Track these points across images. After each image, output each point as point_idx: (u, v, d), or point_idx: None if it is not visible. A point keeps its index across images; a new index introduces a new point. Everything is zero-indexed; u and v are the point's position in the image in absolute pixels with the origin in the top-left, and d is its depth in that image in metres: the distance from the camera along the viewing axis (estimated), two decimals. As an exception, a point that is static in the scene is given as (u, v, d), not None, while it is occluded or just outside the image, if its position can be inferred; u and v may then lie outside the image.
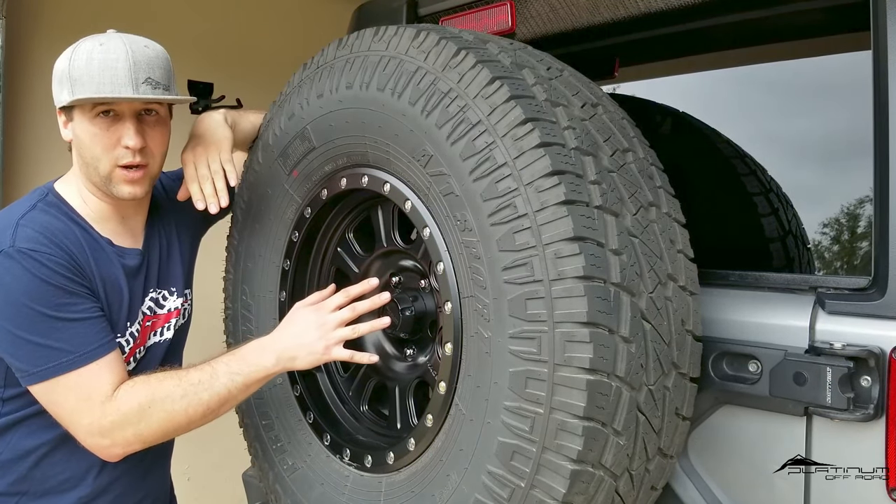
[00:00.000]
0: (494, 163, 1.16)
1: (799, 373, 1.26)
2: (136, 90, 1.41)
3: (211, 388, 1.41)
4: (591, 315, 1.08)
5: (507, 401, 1.14)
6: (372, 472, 1.42)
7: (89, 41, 1.44)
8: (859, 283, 1.29)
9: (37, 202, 1.47)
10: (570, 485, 1.10)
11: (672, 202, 1.32)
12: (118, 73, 1.40)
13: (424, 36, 1.30)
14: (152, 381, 1.41)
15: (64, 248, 1.40)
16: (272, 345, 1.44)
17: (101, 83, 1.39)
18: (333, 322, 1.43)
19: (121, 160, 1.44)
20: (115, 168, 1.45)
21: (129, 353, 1.53)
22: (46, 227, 1.42)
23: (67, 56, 1.44)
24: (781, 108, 2.57)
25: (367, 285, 1.49)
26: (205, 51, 3.28)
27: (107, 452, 1.42)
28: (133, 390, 1.39)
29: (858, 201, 2.41)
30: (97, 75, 1.40)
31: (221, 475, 2.99)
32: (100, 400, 1.38)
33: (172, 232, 1.69)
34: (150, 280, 1.59)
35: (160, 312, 1.62)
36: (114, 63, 1.40)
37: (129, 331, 1.53)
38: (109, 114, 1.43)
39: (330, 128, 1.46)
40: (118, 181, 1.46)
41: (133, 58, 1.42)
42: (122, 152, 1.44)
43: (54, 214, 1.46)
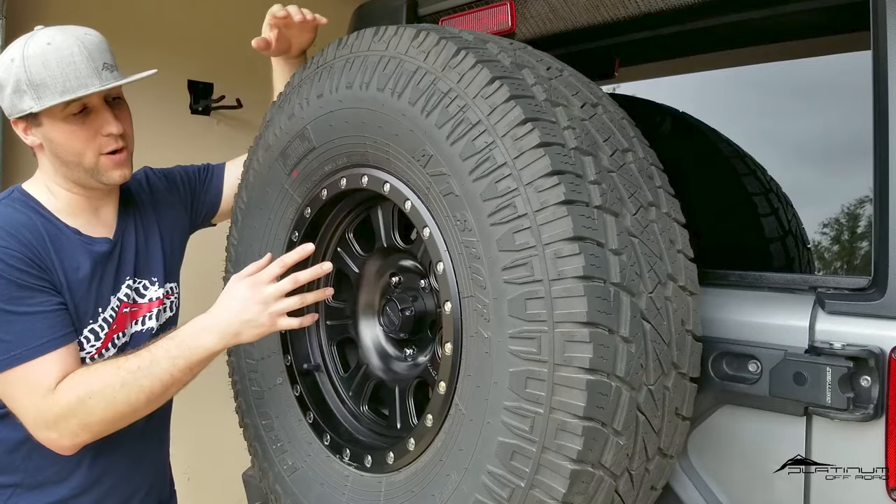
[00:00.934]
0: (494, 163, 1.16)
1: (799, 373, 1.26)
2: (101, 78, 1.42)
3: (151, 373, 1.39)
4: (591, 315, 1.08)
5: (507, 401, 1.14)
6: (372, 472, 1.42)
7: (32, 44, 1.42)
8: (859, 283, 1.29)
9: (2, 199, 1.51)
10: (569, 485, 1.10)
11: (672, 202, 1.32)
12: (79, 68, 1.41)
13: (424, 36, 1.30)
14: (91, 371, 1.41)
15: (23, 242, 1.42)
16: (213, 324, 1.42)
17: (67, 80, 1.40)
18: (274, 293, 1.40)
19: (104, 148, 1.47)
20: (100, 157, 1.47)
21: (105, 339, 1.54)
22: (7, 221, 1.44)
23: (18, 64, 1.41)
24: (782, 108, 2.57)
25: (303, 251, 1.46)
26: (205, 51, 3.28)
27: (57, 444, 1.42)
28: (72, 382, 1.40)
29: (858, 201, 2.41)
30: (60, 75, 1.40)
31: (221, 475, 2.99)
32: (42, 393, 1.38)
33: (153, 225, 1.70)
34: (124, 268, 1.60)
35: (141, 302, 1.63)
36: (70, 58, 1.41)
37: (102, 316, 1.54)
38: (83, 110, 1.44)
39: (330, 128, 1.46)
40: (106, 169, 1.48)
41: (86, 48, 1.43)
42: (104, 141, 1.47)
43: (17, 208, 1.49)
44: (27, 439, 1.47)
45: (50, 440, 1.41)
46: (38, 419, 1.40)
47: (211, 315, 1.44)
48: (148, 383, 1.40)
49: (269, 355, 1.65)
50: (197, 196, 1.84)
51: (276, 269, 1.43)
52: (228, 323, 1.41)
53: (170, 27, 3.19)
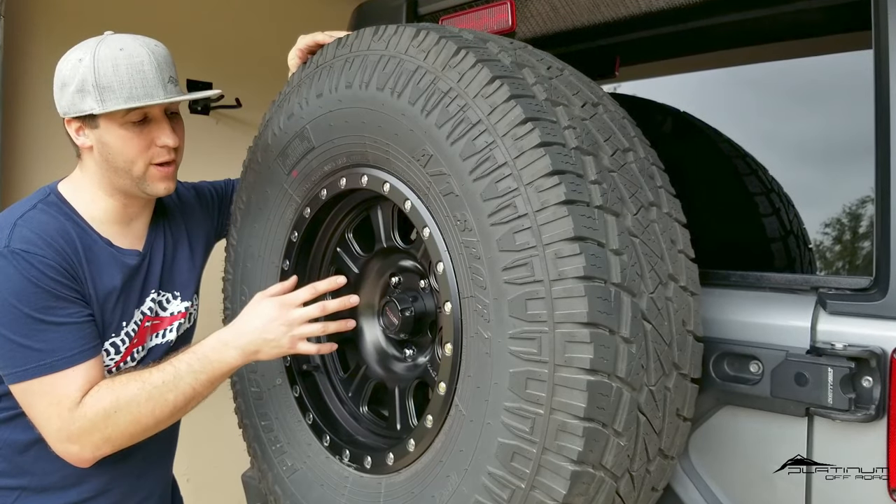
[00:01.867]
0: (494, 162, 1.15)
1: (800, 373, 1.26)
2: (166, 91, 1.44)
3: (176, 388, 1.41)
4: (592, 315, 1.08)
5: (507, 401, 1.14)
6: (371, 473, 1.42)
7: (105, 47, 1.42)
8: (861, 283, 1.29)
9: (37, 202, 1.49)
10: (570, 486, 1.10)
11: (673, 202, 1.32)
12: (147, 77, 1.42)
13: (424, 35, 1.30)
14: (117, 385, 1.41)
15: (58, 251, 1.41)
16: (235, 340, 1.44)
17: (133, 88, 1.41)
18: (300, 318, 1.43)
19: (156, 159, 1.48)
20: (150, 167, 1.48)
21: (125, 353, 1.53)
22: (43, 228, 1.42)
23: (87, 64, 1.41)
24: (782, 108, 2.56)
25: (335, 282, 1.49)
26: (205, 51, 3.28)
27: (77, 458, 1.42)
28: (98, 395, 1.40)
29: (860, 201, 2.41)
30: (127, 81, 1.41)
31: (221, 476, 2.98)
32: (68, 406, 1.38)
33: (182, 238, 1.69)
34: (150, 281, 1.59)
35: (163, 315, 1.62)
36: (140, 66, 1.42)
37: (125, 330, 1.53)
38: (143, 119, 1.45)
39: (329, 127, 1.46)
40: (154, 179, 1.49)
41: (156, 59, 1.44)
42: (157, 151, 1.48)
43: (53, 214, 1.47)
44: (36, 442, 1.46)
45: (70, 453, 1.41)
46: (61, 431, 1.39)
47: (234, 330, 1.46)
48: (172, 398, 1.41)
49: (269, 356, 1.65)
50: (223, 210, 1.84)
51: (307, 294, 1.45)
52: (250, 340, 1.43)
53: (169, 27, 3.19)
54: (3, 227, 1.40)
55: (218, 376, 1.45)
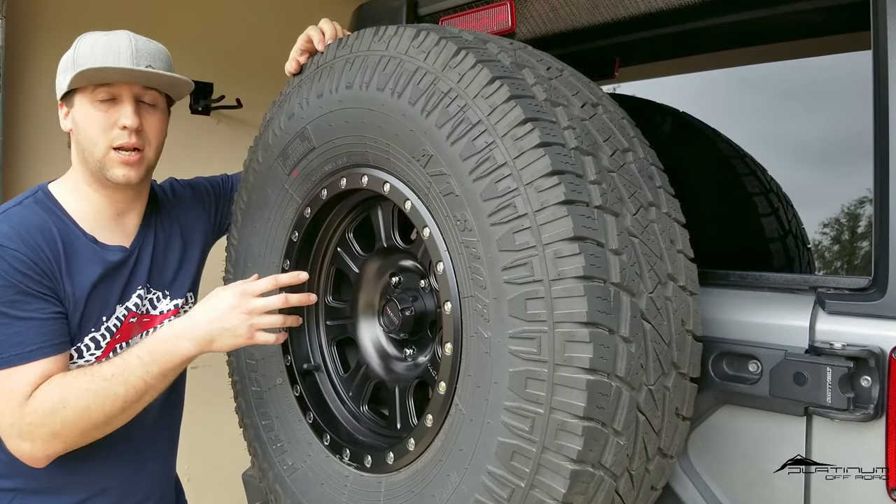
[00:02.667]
0: (494, 163, 1.15)
1: (799, 373, 1.26)
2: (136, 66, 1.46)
3: (125, 381, 1.38)
4: (591, 315, 1.08)
5: (507, 401, 1.14)
6: (372, 473, 1.42)
7: (94, 34, 1.50)
8: (859, 283, 1.29)
9: (24, 199, 1.51)
10: (570, 485, 1.10)
11: (672, 202, 1.32)
12: (120, 55, 1.45)
13: (424, 36, 1.30)
14: (67, 379, 1.40)
15: (32, 247, 1.41)
16: (189, 331, 1.41)
17: (105, 63, 1.44)
18: (261, 307, 1.41)
19: (116, 141, 1.47)
20: (111, 150, 1.48)
21: (107, 348, 1.53)
22: (22, 224, 1.44)
23: (72, 47, 1.50)
24: (782, 108, 2.57)
25: (297, 278, 1.47)
26: (205, 51, 3.28)
27: (29, 456, 1.40)
28: (48, 390, 1.38)
29: (858, 201, 2.41)
30: (100, 57, 1.45)
31: (221, 475, 2.99)
32: (19, 402, 1.37)
33: (175, 236, 1.69)
34: (136, 278, 1.59)
35: (153, 313, 1.62)
36: (116, 48, 1.46)
37: (105, 325, 1.53)
38: (111, 101, 1.47)
39: (330, 128, 1.46)
40: (112, 164, 1.48)
41: (135, 45, 1.48)
42: (117, 133, 1.47)
43: (36, 210, 1.49)
44: None
45: (23, 451, 1.39)
46: (13, 427, 1.38)
47: (188, 320, 1.43)
48: (122, 391, 1.38)
49: (269, 355, 1.65)
50: (220, 206, 1.83)
51: (268, 284, 1.43)
52: (207, 330, 1.40)
53: (169, 27, 3.19)
54: None
55: (170, 368, 1.41)
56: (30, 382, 1.38)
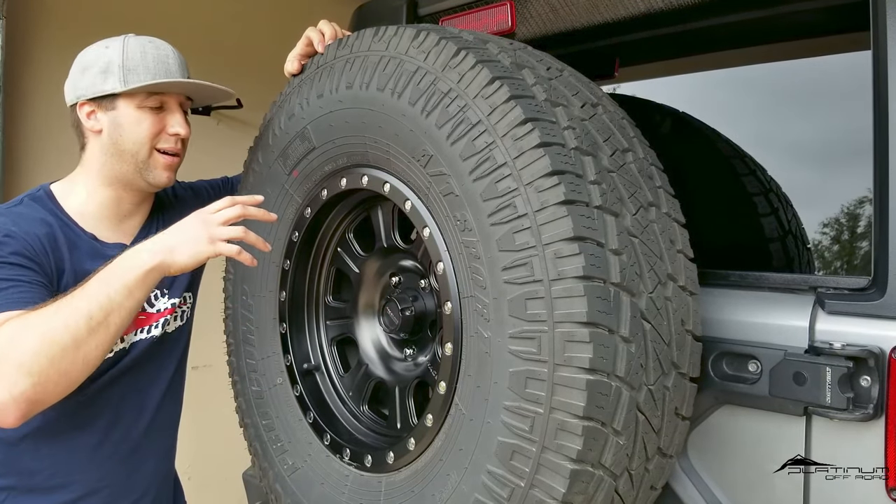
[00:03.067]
0: (494, 163, 1.16)
1: (798, 373, 1.26)
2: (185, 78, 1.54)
3: (86, 295, 1.30)
4: (591, 315, 1.08)
5: (506, 400, 1.14)
6: (372, 472, 1.42)
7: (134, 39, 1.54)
8: (859, 282, 1.29)
9: (24, 197, 1.52)
10: (569, 484, 1.10)
11: (672, 202, 1.32)
12: (171, 67, 1.55)
13: (424, 36, 1.31)
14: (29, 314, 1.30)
15: (30, 237, 1.41)
16: (149, 245, 1.36)
17: (158, 73, 1.52)
18: (219, 218, 1.36)
19: (162, 144, 1.55)
20: (155, 152, 1.54)
21: None
22: (21, 218, 1.45)
23: (114, 50, 1.51)
24: (782, 108, 2.57)
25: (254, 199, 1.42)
26: (205, 51, 3.28)
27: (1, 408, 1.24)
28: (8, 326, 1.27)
29: (858, 201, 2.41)
30: (153, 67, 1.52)
31: (221, 475, 2.99)
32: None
33: None
34: None
35: (150, 311, 1.62)
36: (166, 58, 1.54)
37: None
38: (160, 107, 1.54)
39: (330, 128, 1.46)
40: (157, 166, 1.55)
41: (178, 57, 1.58)
42: (165, 138, 1.55)
43: (35, 208, 1.50)
44: (24, 438, 1.46)
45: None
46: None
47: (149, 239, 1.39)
48: (84, 305, 1.29)
49: (270, 355, 1.65)
50: None
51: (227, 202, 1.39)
52: (164, 241, 1.35)
53: (170, 27, 3.19)
54: None
55: (132, 281, 1.32)
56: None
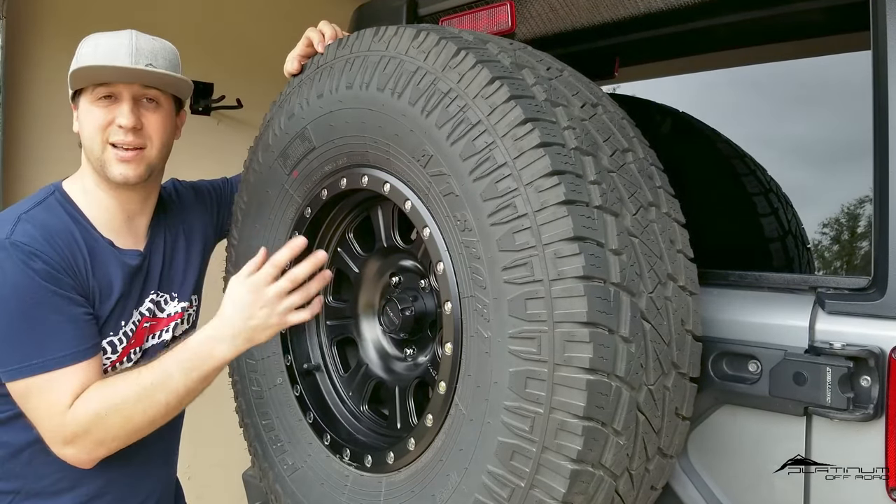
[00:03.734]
0: (494, 163, 1.16)
1: (799, 373, 1.26)
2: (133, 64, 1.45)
3: (166, 387, 1.39)
4: (591, 315, 1.08)
5: (506, 401, 1.14)
6: (372, 472, 1.42)
7: (98, 35, 1.50)
8: (859, 282, 1.29)
9: (42, 200, 1.49)
10: (570, 484, 1.10)
11: (672, 202, 1.32)
12: (119, 55, 1.45)
13: (424, 36, 1.31)
14: (107, 387, 1.40)
15: (58, 250, 1.41)
16: (224, 333, 1.40)
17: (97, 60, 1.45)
18: (277, 294, 1.38)
19: (112, 137, 1.47)
20: (107, 147, 1.47)
21: (122, 353, 1.53)
22: (45, 226, 1.43)
23: (80, 46, 1.51)
24: (782, 108, 2.57)
25: (293, 247, 1.42)
26: (205, 51, 3.28)
27: (75, 460, 1.42)
28: (88, 398, 1.39)
29: (858, 201, 2.41)
30: (101, 57, 1.45)
31: (221, 475, 2.99)
32: (59, 409, 1.37)
33: (179, 237, 1.69)
34: (150, 282, 1.59)
35: (160, 316, 1.62)
36: (117, 48, 1.46)
37: (123, 330, 1.53)
38: (110, 98, 1.47)
39: (330, 128, 1.46)
40: (110, 161, 1.48)
41: (136, 44, 1.47)
42: (114, 130, 1.47)
43: (57, 213, 1.48)
44: (29, 445, 1.46)
45: (68, 455, 1.41)
46: (55, 433, 1.39)
47: (220, 323, 1.42)
48: (164, 398, 1.40)
49: (270, 355, 1.65)
50: (221, 209, 1.83)
51: (271, 269, 1.40)
52: (239, 330, 1.40)
53: (170, 27, 3.19)
54: (7, 222, 1.41)
55: (210, 371, 1.41)
56: (69, 392, 1.38)
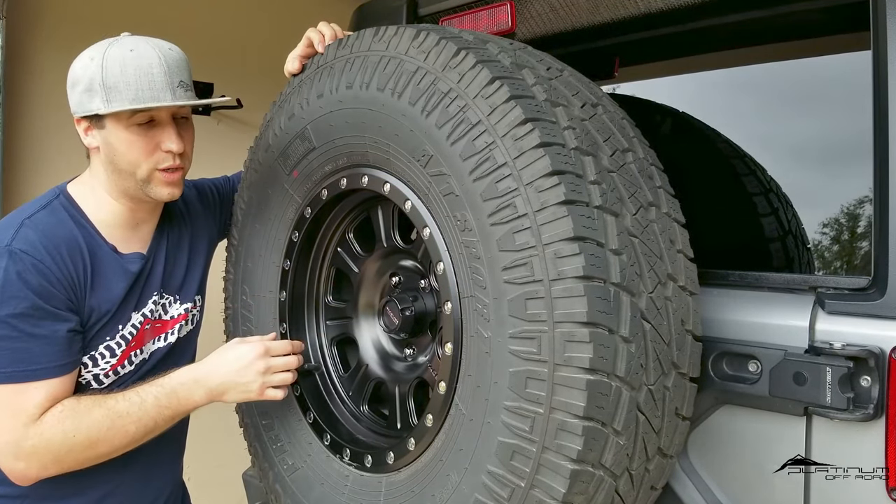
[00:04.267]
0: (494, 163, 1.16)
1: (799, 373, 1.26)
2: (174, 95, 1.41)
3: (139, 420, 1.41)
4: (591, 315, 1.08)
5: (507, 401, 1.14)
6: (372, 472, 1.42)
7: (115, 48, 1.40)
8: (859, 282, 1.29)
9: (47, 203, 1.47)
10: (570, 485, 1.10)
11: (672, 202, 1.32)
12: (155, 79, 1.39)
13: (424, 36, 1.31)
14: (81, 408, 1.39)
15: (57, 261, 1.39)
16: (206, 378, 1.44)
17: (140, 90, 1.38)
18: (278, 366, 1.46)
19: (161, 164, 1.45)
20: (155, 171, 1.45)
21: (122, 356, 1.52)
22: (47, 234, 1.41)
23: (97, 64, 1.39)
24: (782, 108, 2.57)
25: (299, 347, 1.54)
26: (206, 51, 3.28)
27: (20, 476, 1.39)
28: (60, 416, 1.37)
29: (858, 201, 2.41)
30: (134, 82, 1.38)
31: (221, 475, 2.99)
32: (24, 421, 1.35)
33: (184, 238, 1.68)
34: (152, 284, 1.58)
35: (164, 318, 1.62)
36: (149, 69, 1.39)
37: (121, 333, 1.52)
38: (150, 122, 1.43)
39: (330, 128, 1.46)
40: (158, 184, 1.47)
41: (166, 62, 1.41)
42: (162, 156, 1.45)
43: (61, 218, 1.46)
44: None
45: (15, 470, 1.38)
46: (9, 445, 1.36)
47: (207, 368, 1.46)
48: (133, 429, 1.41)
49: (270, 355, 1.65)
50: (223, 208, 1.82)
51: (286, 348, 1.49)
52: (222, 381, 1.44)
53: (170, 27, 3.19)
54: (10, 226, 1.39)
55: (181, 413, 1.46)
56: (37, 404, 1.36)
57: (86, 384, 1.49)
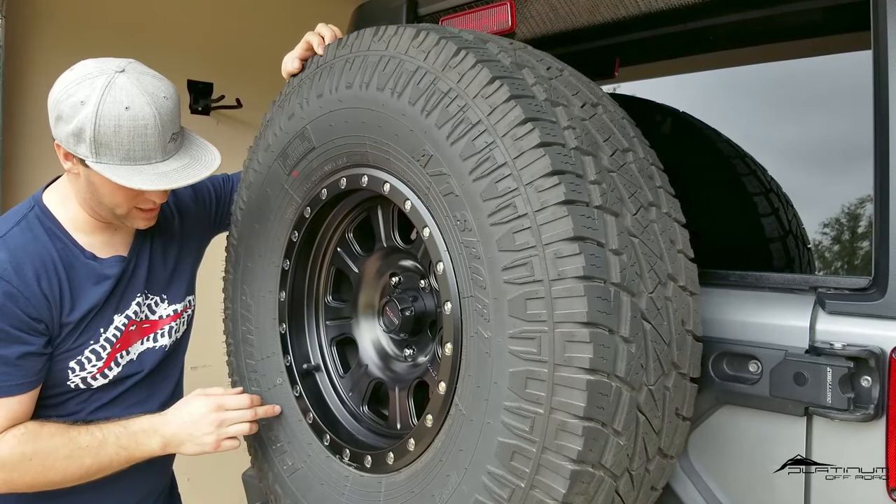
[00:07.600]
0: (494, 163, 1.15)
1: (799, 373, 1.26)
2: (165, 152, 1.37)
3: (96, 455, 1.43)
4: (592, 315, 1.08)
5: (507, 401, 1.14)
6: (372, 473, 1.42)
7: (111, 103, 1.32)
8: (859, 283, 1.29)
9: (21, 218, 1.46)
10: (570, 485, 1.10)
11: (672, 202, 1.32)
12: (148, 140, 1.35)
13: (424, 35, 1.30)
14: (43, 433, 1.41)
15: (27, 281, 1.39)
16: (163, 427, 1.49)
17: (132, 150, 1.34)
18: (231, 420, 1.50)
19: (142, 206, 1.47)
20: (134, 209, 1.47)
21: (108, 358, 1.52)
22: (18, 254, 1.40)
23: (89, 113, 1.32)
24: (782, 108, 2.57)
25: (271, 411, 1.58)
26: (205, 51, 3.29)
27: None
28: (22, 437, 1.39)
29: (859, 201, 2.41)
30: (127, 143, 1.33)
31: (221, 475, 2.99)
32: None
33: (174, 239, 1.68)
34: (135, 286, 1.58)
35: (151, 318, 1.61)
36: (143, 130, 1.34)
37: (104, 336, 1.52)
38: None
39: (330, 128, 1.46)
40: (136, 218, 1.49)
41: (160, 120, 1.35)
42: (144, 201, 1.46)
43: (36, 232, 1.45)
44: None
45: None
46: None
47: (166, 418, 1.50)
48: (89, 462, 1.43)
49: (270, 356, 1.65)
50: (220, 206, 1.82)
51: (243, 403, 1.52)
52: (177, 432, 1.48)
53: (169, 27, 3.19)
54: None
55: (135, 458, 1.48)
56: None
57: (75, 388, 1.50)
